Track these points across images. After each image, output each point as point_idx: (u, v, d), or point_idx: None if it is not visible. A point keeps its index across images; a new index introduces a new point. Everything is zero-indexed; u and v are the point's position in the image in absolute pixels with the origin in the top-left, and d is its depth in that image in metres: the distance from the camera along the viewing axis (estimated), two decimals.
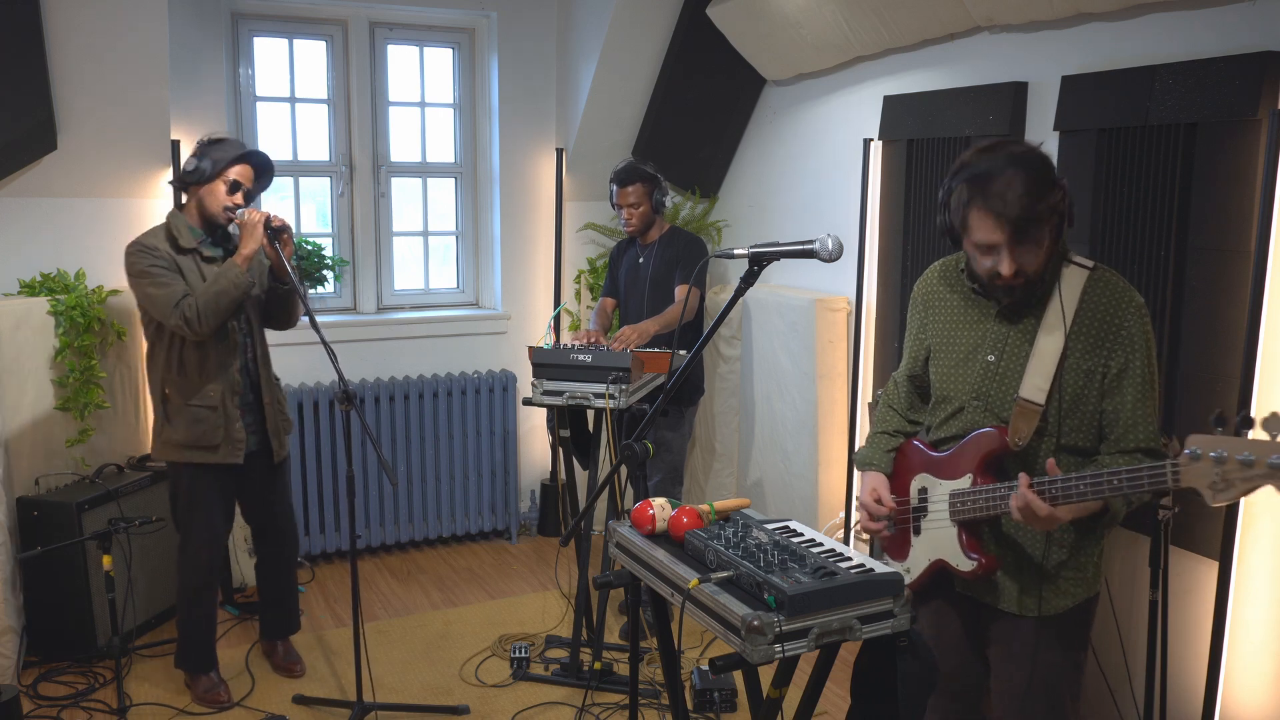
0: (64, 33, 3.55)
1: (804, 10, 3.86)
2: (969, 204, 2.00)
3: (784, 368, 4.23)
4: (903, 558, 2.29)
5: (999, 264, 2.00)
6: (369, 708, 3.25)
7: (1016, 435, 2.08)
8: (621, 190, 3.95)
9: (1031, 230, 1.97)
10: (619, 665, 3.66)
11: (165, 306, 3.11)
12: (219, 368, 3.24)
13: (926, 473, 2.25)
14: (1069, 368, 2.07)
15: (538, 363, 3.51)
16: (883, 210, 3.81)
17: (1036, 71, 3.19)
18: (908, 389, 2.41)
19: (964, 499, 2.14)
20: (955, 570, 2.18)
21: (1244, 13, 2.60)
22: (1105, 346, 2.06)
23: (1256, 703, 2.64)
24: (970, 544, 2.15)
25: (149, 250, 3.16)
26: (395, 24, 4.73)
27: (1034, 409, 2.07)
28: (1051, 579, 2.14)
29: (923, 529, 2.25)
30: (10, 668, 3.39)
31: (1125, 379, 2.05)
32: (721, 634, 1.77)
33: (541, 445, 5.16)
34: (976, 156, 2.02)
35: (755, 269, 2.13)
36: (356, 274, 4.83)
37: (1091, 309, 2.07)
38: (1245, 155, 2.56)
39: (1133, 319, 2.05)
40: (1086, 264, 2.10)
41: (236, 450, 3.29)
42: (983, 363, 2.16)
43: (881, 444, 2.39)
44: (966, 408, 2.19)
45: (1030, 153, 2.00)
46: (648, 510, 2.08)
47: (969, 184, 2.00)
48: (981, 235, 2.00)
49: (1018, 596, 2.16)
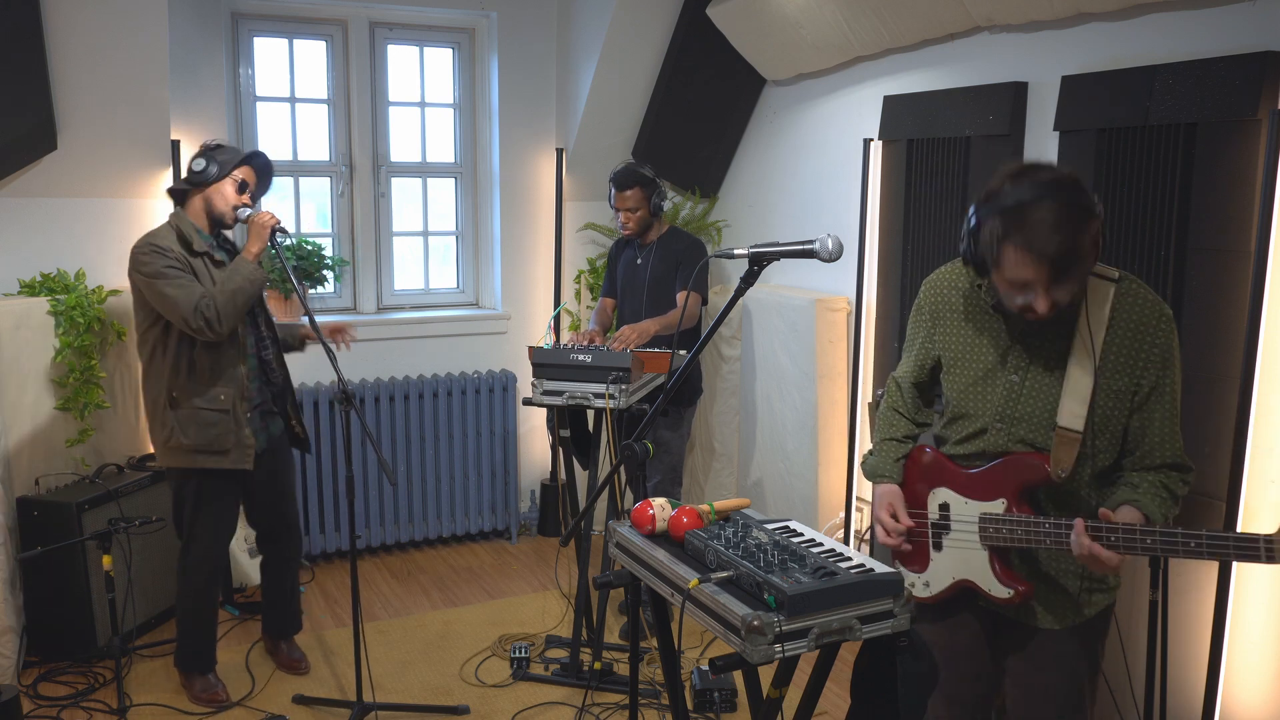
0: (64, 33, 3.55)
1: (804, 10, 3.85)
2: (1003, 240, 1.86)
3: (784, 368, 4.23)
4: (921, 569, 2.22)
5: (1034, 301, 1.89)
6: (369, 708, 3.25)
7: (1059, 467, 2.00)
8: (619, 194, 3.94)
9: (1073, 268, 1.85)
10: (619, 665, 3.66)
11: (186, 308, 3.06)
12: (229, 371, 3.23)
13: (949, 488, 2.17)
14: (1101, 388, 1.99)
15: (538, 363, 3.51)
16: (883, 210, 3.81)
17: (1036, 71, 3.19)
18: (913, 393, 2.33)
19: (998, 525, 2.06)
20: (988, 595, 2.12)
21: (1244, 13, 2.60)
22: (1138, 365, 1.98)
23: (1256, 703, 2.64)
24: (1004, 573, 2.09)
25: (162, 251, 3.11)
26: (395, 24, 4.73)
27: (1074, 437, 1.98)
28: (1085, 595, 2.12)
29: (945, 546, 2.18)
30: (10, 668, 3.39)
31: (1155, 396, 1.99)
32: (721, 634, 1.77)
33: (541, 445, 5.16)
34: (1009, 184, 1.88)
35: (755, 269, 2.13)
36: (356, 274, 4.83)
37: (1122, 326, 1.98)
38: (1245, 155, 2.56)
39: (1164, 335, 1.97)
40: (1112, 275, 1.99)
41: (246, 455, 3.27)
42: (1006, 382, 2.08)
43: (891, 452, 2.31)
44: (990, 429, 2.10)
45: (1066, 179, 1.86)
46: (648, 510, 2.08)
47: (1003, 218, 1.86)
48: (1016, 273, 1.88)
49: (1052, 614, 2.12)
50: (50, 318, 3.76)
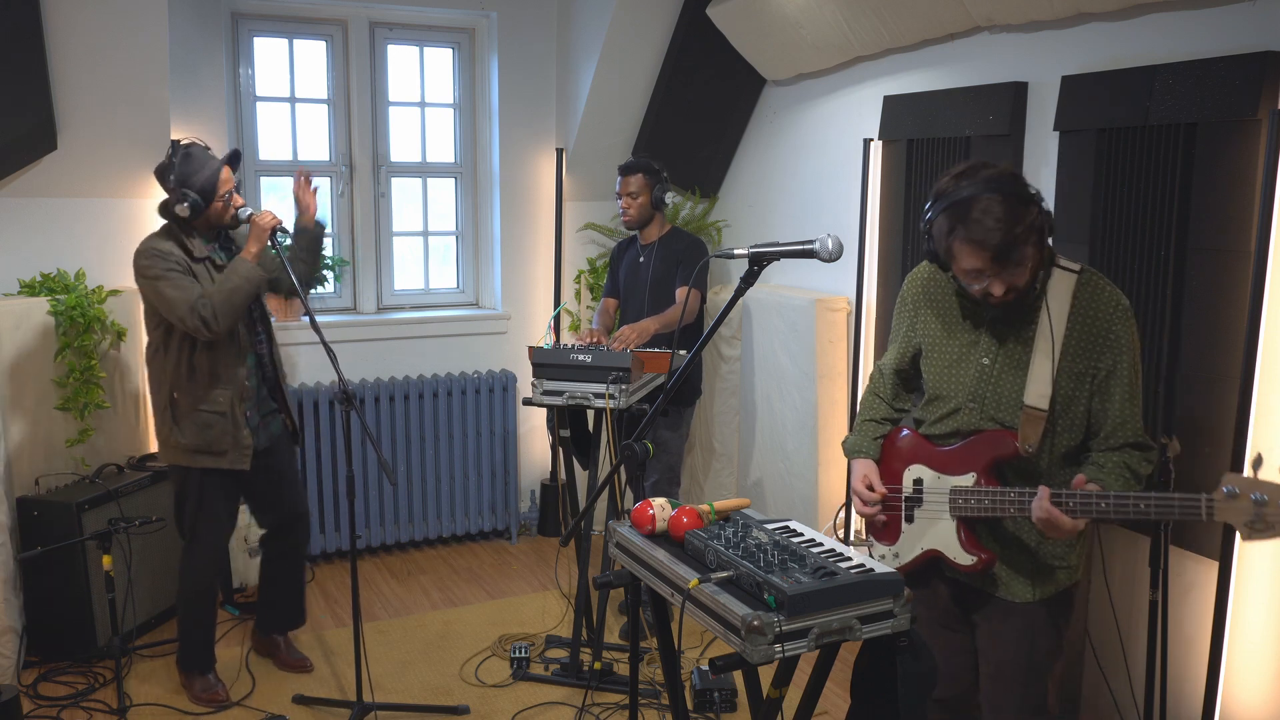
0: (64, 33, 3.55)
1: (804, 10, 3.85)
2: (950, 235, 2.06)
3: (784, 368, 4.23)
4: (891, 541, 2.36)
5: (989, 286, 2.07)
6: (369, 708, 3.25)
7: (1026, 442, 2.15)
8: (624, 179, 3.97)
9: (1014, 253, 2.02)
10: (619, 665, 3.66)
11: (182, 308, 3.09)
12: (228, 373, 3.24)
13: (923, 464, 2.31)
14: (1061, 370, 2.14)
15: (538, 363, 3.51)
16: (883, 210, 3.81)
17: (1036, 71, 3.19)
18: (894, 380, 2.49)
19: (967, 496, 2.20)
20: (952, 563, 2.26)
21: (1244, 13, 2.60)
22: (1095, 349, 2.13)
23: (1256, 703, 2.64)
24: (969, 540, 2.22)
25: (162, 254, 3.14)
26: (395, 24, 4.73)
27: (1039, 415, 2.14)
28: (1044, 569, 2.24)
29: (916, 517, 2.31)
30: (10, 668, 3.39)
31: (1113, 379, 2.14)
32: (721, 634, 1.77)
33: (541, 445, 5.16)
34: (952, 183, 2.07)
35: (755, 269, 2.13)
36: (356, 274, 4.83)
37: (1081, 313, 2.14)
38: (1245, 155, 2.56)
39: (1120, 322, 2.13)
40: (1073, 267, 2.16)
41: (243, 457, 3.29)
42: (977, 365, 2.24)
43: (869, 431, 2.46)
44: (963, 408, 2.26)
45: (1001, 174, 2.04)
46: (648, 510, 2.08)
47: (947, 215, 2.05)
48: (967, 264, 2.06)
49: (1012, 585, 2.25)
50: (50, 318, 3.76)
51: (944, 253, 2.11)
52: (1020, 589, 2.24)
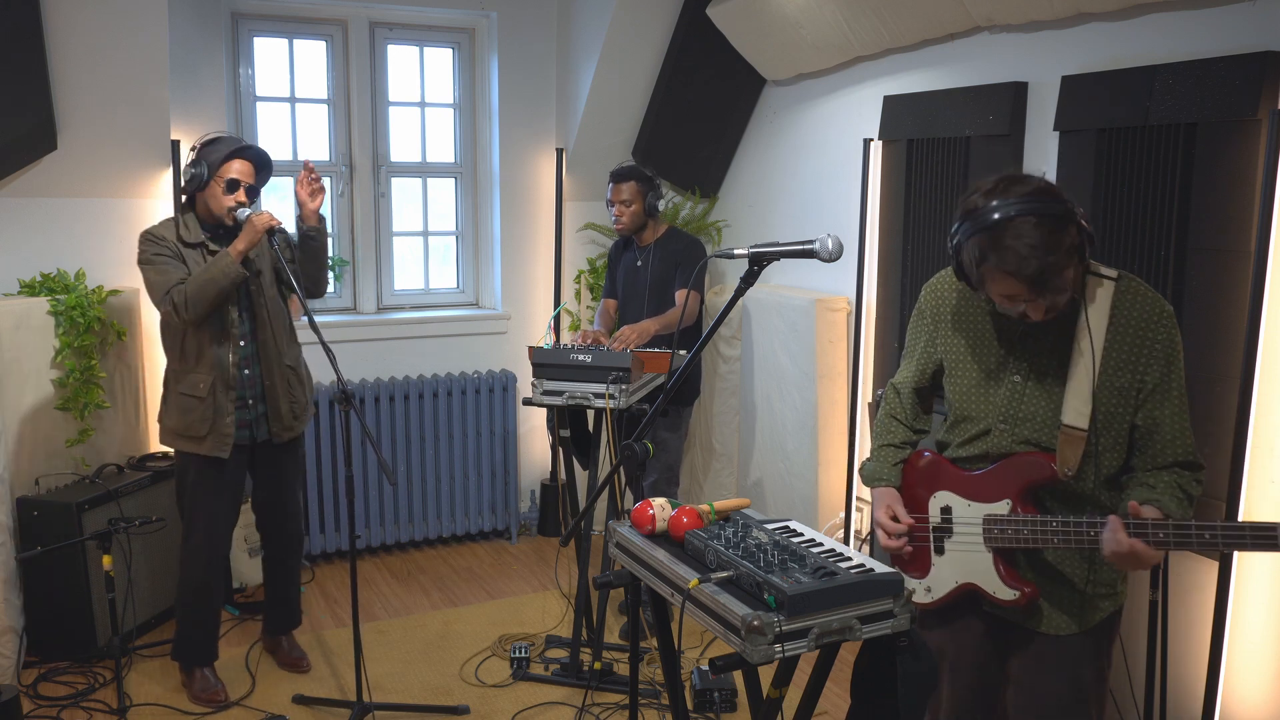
0: (64, 33, 3.55)
1: (804, 10, 3.85)
2: (981, 264, 1.90)
3: (784, 368, 4.23)
4: (922, 574, 2.20)
5: (1027, 310, 1.93)
6: (369, 708, 3.25)
7: (1065, 465, 1.99)
8: (615, 186, 3.97)
9: (1053, 280, 1.86)
10: (619, 665, 3.66)
11: (159, 291, 3.18)
12: (212, 359, 3.26)
13: (951, 491, 2.16)
14: (1102, 385, 1.99)
15: (538, 363, 3.51)
16: (883, 210, 3.81)
17: (1036, 71, 3.19)
18: (912, 400, 2.31)
19: (1004, 526, 2.05)
20: (992, 598, 2.10)
21: (1244, 13, 2.60)
22: (1140, 362, 1.98)
23: (1256, 703, 2.64)
24: (1009, 574, 2.08)
25: (157, 239, 3.24)
26: (395, 24, 4.73)
27: (1079, 435, 1.98)
28: (1090, 599, 2.10)
29: (947, 549, 2.17)
30: (10, 668, 3.39)
31: (1161, 393, 1.99)
32: (721, 634, 1.76)
33: (541, 445, 5.16)
34: (982, 201, 1.90)
35: (755, 269, 2.12)
36: (356, 274, 4.83)
37: (1122, 324, 1.98)
38: (1245, 155, 2.56)
39: (1165, 330, 1.97)
40: (1110, 274, 2.00)
41: (223, 444, 3.29)
42: (1009, 383, 2.08)
43: (888, 457, 2.29)
44: (994, 430, 2.10)
45: (1037, 191, 1.87)
46: (648, 510, 2.08)
47: (977, 240, 1.89)
48: (1001, 290, 1.92)
49: (1054, 619, 2.10)
50: (50, 318, 3.77)
51: (975, 281, 1.96)
52: (1063, 623, 2.09)
